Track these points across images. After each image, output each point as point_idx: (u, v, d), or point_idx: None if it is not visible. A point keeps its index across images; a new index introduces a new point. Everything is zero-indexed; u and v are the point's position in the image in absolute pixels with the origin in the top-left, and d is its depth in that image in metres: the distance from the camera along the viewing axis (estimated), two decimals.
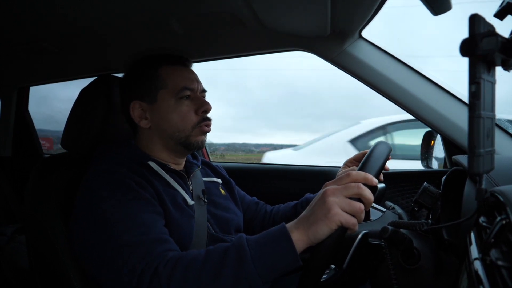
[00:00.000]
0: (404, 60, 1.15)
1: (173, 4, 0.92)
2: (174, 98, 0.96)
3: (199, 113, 0.97)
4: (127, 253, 0.72)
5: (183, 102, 0.97)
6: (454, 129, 1.08)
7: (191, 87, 0.98)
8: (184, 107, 0.96)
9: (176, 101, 0.96)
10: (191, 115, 0.97)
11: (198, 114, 0.97)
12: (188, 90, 0.97)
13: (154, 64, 0.99)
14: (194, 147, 0.98)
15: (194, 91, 0.99)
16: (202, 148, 1.03)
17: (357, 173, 0.69)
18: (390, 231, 0.74)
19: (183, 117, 0.96)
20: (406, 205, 1.37)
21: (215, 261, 0.68)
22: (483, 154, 0.45)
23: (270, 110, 37.06)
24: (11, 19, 1.01)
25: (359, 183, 0.67)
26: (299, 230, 0.67)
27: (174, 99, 0.96)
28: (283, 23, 1.03)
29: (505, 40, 0.43)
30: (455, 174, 0.84)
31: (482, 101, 0.43)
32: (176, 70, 0.99)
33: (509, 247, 0.39)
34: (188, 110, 0.97)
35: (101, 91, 1.04)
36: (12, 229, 1.67)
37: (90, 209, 0.81)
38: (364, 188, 0.66)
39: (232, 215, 1.06)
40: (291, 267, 0.66)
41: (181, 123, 0.96)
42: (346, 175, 0.69)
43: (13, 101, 1.99)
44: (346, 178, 0.69)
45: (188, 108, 0.97)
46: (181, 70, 1.00)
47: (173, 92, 0.96)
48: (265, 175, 1.68)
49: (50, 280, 0.89)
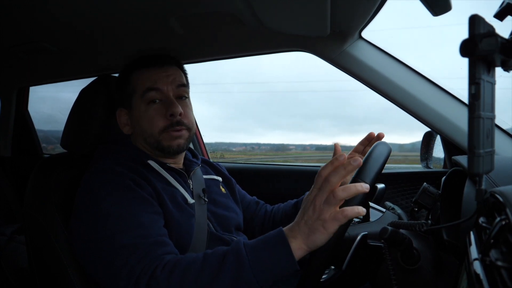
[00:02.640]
0: (404, 60, 1.15)
1: (173, 4, 0.92)
2: (143, 103, 0.95)
3: (167, 117, 0.93)
4: (125, 255, 0.72)
5: (152, 106, 0.94)
6: (454, 130, 1.08)
7: (156, 86, 0.95)
8: (152, 112, 0.94)
9: (145, 106, 0.94)
10: (157, 119, 0.93)
11: (167, 118, 0.93)
12: (153, 90, 0.94)
13: (127, 70, 1.00)
14: (168, 151, 0.95)
15: (163, 92, 0.95)
16: (178, 153, 0.99)
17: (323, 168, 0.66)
18: (389, 231, 0.74)
19: (149, 122, 0.94)
20: (406, 206, 1.37)
21: (213, 265, 0.68)
22: (483, 155, 0.45)
23: (254, 109, 37.11)
24: (11, 19, 1.01)
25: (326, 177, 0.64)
26: (297, 240, 0.66)
27: (143, 104, 0.95)
28: (283, 23, 1.02)
29: (505, 41, 0.43)
30: (455, 174, 0.84)
31: (482, 102, 0.43)
32: (144, 72, 0.97)
33: (508, 247, 0.39)
34: (155, 114, 0.94)
35: (101, 91, 1.05)
36: (12, 229, 1.67)
37: (89, 208, 0.81)
38: (331, 180, 0.64)
39: (232, 214, 1.06)
40: (288, 271, 0.66)
41: (148, 129, 0.94)
42: (317, 176, 0.67)
43: (13, 101, 1.99)
44: (318, 179, 0.67)
45: (156, 112, 0.94)
46: (148, 71, 0.97)
47: (141, 96, 0.95)
48: (265, 175, 1.68)
49: (50, 280, 0.89)
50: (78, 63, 1.43)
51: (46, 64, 1.49)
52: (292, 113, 30.85)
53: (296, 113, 30.86)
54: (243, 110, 36.76)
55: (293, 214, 1.13)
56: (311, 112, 33.09)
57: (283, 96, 31.29)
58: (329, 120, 28.17)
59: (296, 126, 27.44)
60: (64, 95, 2.24)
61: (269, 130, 31.29)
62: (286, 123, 31.31)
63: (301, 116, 29.78)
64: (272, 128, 32.97)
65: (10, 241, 1.59)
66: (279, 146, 8.41)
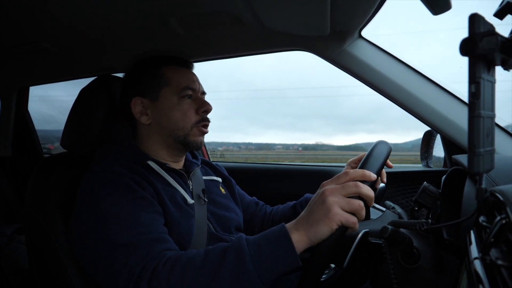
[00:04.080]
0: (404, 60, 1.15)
1: (173, 4, 0.92)
2: (176, 96, 0.98)
3: (199, 113, 0.99)
4: (126, 253, 0.72)
5: (185, 100, 0.99)
6: (454, 129, 1.08)
7: (193, 87, 1.01)
8: (186, 105, 0.99)
9: (178, 99, 0.98)
10: (191, 113, 0.99)
11: (199, 114, 0.99)
12: (190, 89, 1.00)
13: (159, 63, 1.02)
14: (192, 146, 1.00)
15: (195, 92, 1.01)
16: (200, 149, 1.04)
17: (355, 171, 0.69)
18: (390, 230, 0.74)
19: (183, 115, 0.98)
20: (406, 205, 1.38)
21: (214, 261, 0.68)
22: (483, 154, 0.45)
23: (244, 109, 37.45)
24: (11, 19, 1.01)
25: (356, 182, 0.67)
26: (299, 231, 0.66)
27: (176, 97, 0.98)
28: (283, 23, 1.03)
29: (505, 40, 0.43)
30: (455, 173, 0.84)
31: (482, 101, 0.43)
32: (180, 70, 1.02)
33: (509, 246, 0.39)
34: (189, 108, 0.99)
35: (101, 91, 1.05)
36: (12, 229, 1.67)
37: (89, 208, 0.81)
38: (363, 186, 0.66)
39: (232, 214, 1.06)
40: (290, 267, 0.66)
41: (181, 121, 0.98)
42: (344, 174, 0.70)
43: (13, 101, 1.99)
44: (344, 177, 0.69)
45: (189, 106, 0.99)
46: (184, 71, 1.03)
47: (176, 90, 0.98)
48: (265, 175, 1.68)
49: (50, 280, 0.89)
50: (78, 63, 1.43)
51: (46, 64, 1.49)
52: (283, 113, 31.09)
53: (287, 113, 31.08)
54: (233, 109, 37.03)
55: (291, 216, 1.13)
56: (302, 112, 33.38)
57: (270, 95, 31.54)
58: (320, 120, 28.31)
59: (290, 126, 27.58)
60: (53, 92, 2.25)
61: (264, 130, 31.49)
62: (280, 123, 31.50)
63: (293, 116, 29.99)
64: (266, 128, 33.18)
65: (10, 241, 1.60)
66: (264, 145, 8.95)
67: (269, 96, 44.25)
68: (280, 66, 37.80)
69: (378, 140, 0.79)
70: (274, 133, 43.61)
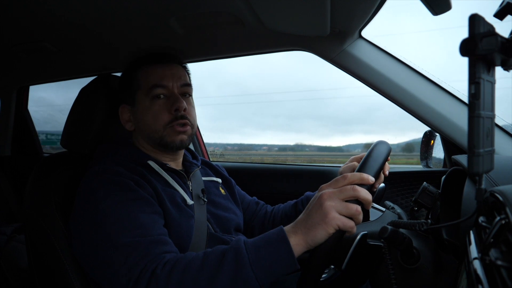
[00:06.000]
0: (404, 59, 1.15)
1: (173, 4, 0.92)
2: (148, 98, 0.96)
3: (172, 112, 0.94)
4: (124, 255, 0.72)
5: (156, 102, 0.95)
6: (454, 129, 1.08)
7: (163, 83, 0.96)
8: (157, 107, 0.95)
9: (150, 101, 0.95)
10: (163, 114, 0.94)
11: (171, 113, 0.95)
12: (159, 87, 0.95)
13: (134, 66, 1.00)
14: (171, 147, 0.96)
15: (168, 88, 0.96)
16: (182, 148, 1.00)
17: (352, 175, 0.69)
18: (389, 231, 0.74)
19: (154, 117, 0.94)
20: (406, 205, 1.37)
21: (213, 263, 0.68)
22: (483, 154, 0.45)
23: (235, 110, 37.62)
24: (12, 19, 1.01)
25: (354, 185, 0.67)
26: (297, 235, 0.66)
27: (148, 99, 0.96)
28: (283, 23, 1.02)
29: (504, 40, 0.43)
30: (455, 174, 0.84)
31: (482, 101, 0.43)
32: (151, 69, 0.98)
33: (508, 247, 0.39)
34: (160, 109, 0.95)
35: (101, 90, 1.04)
36: (12, 228, 1.67)
37: (88, 208, 0.81)
38: (360, 189, 0.66)
39: (232, 215, 1.06)
40: (288, 270, 0.66)
41: (153, 124, 0.95)
42: (341, 177, 0.69)
43: (13, 101, 1.99)
44: (342, 181, 0.69)
45: (161, 107, 0.95)
46: (156, 68, 0.98)
47: (146, 91, 0.96)
48: (265, 175, 1.68)
49: (49, 280, 0.89)
50: (78, 62, 1.43)
51: (46, 64, 1.49)
52: (274, 114, 31.29)
53: (279, 114, 31.25)
54: (223, 110, 37.05)
55: (292, 214, 1.13)
56: (292, 113, 33.59)
57: (257, 97, 31.71)
58: (313, 121, 28.36)
59: (287, 126, 27.70)
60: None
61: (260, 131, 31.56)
62: (274, 123, 31.63)
63: (285, 117, 30.14)
64: (262, 128, 33.26)
65: (9, 240, 1.60)
66: (247, 146, 9.53)
67: (254, 99, 44.17)
68: (262, 66, 36.49)
69: (377, 140, 0.79)
70: (272, 133, 43.81)
